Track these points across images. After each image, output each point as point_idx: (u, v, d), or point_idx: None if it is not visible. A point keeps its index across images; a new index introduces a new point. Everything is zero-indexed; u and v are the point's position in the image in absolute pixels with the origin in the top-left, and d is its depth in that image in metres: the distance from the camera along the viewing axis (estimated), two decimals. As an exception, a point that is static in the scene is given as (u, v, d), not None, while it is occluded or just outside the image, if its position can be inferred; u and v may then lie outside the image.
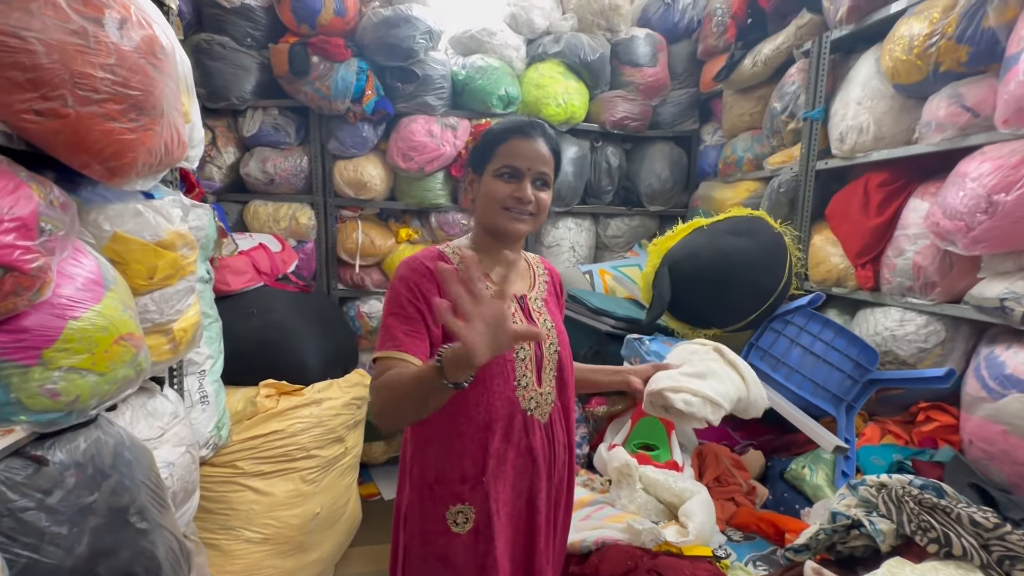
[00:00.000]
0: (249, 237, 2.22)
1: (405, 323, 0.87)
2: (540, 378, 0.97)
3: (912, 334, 1.62)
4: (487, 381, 0.91)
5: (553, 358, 0.99)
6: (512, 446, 0.94)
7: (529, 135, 0.93)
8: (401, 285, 0.89)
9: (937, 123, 1.54)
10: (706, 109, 2.87)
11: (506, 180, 0.92)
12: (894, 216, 1.72)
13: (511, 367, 0.93)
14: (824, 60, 1.96)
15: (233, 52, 2.22)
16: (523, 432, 0.95)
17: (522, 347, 0.94)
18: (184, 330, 1.20)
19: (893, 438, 1.54)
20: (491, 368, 0.91)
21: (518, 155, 0.92)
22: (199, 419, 1.51)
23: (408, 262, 0.92)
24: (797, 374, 1.66)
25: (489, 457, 0.91)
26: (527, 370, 0.95)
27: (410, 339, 0.86)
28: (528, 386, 0.94)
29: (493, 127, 0.96)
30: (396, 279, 0.91)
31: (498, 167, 0.92)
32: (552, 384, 0.99)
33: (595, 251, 2.93)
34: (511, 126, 0.94)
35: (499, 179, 0.92)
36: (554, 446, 0.98)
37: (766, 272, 1.58)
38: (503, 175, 0.92)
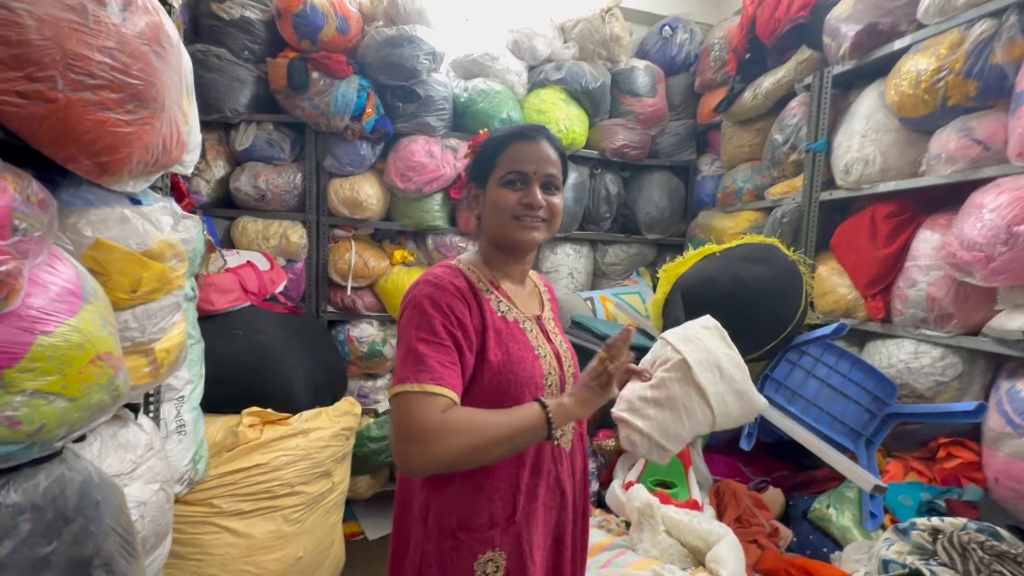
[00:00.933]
0: (236, 254, 2.10)
1: (440, 351, 0.77)
2: None
3: (928, 367, 1.59)
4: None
5: (571, 381, 0.92)
6: (542, 479, 0.85)
7: (532, 138, 0.86)
8: (431, 306, 0.79)
9: (947, 155, 1.55)
10: (703, 140, 2.90)
11: (513, 188, 0.85)
12: (903, 247, 1.71)
13: (540, 393, 0.85)
14: (826, 94, 1.99)
15: (229, 64, 2.15)
16: (552, 463, 0.87)
17: (549, 371, 0.87)
18: (167, 351, 1.07)
19: (917, 475, 1.48)
20: (523, 396, 0.82)
21: (523, 159, 0.85)
22: (175, 451, 1.36)
23: (435, 280, 0.82)
24: (814, 407, 1.60)
25: (520, 495, 0.82)
26: (554, 395, 0.87)
27: (448, 371, 0.76)
28: None
29: (492, 135, 0.90)
30: (423, 298, 0.79)
31: (503, 174, 0.85)
32: None
33: (593, 278, 2.88)
34: (512, 131, 0.88)
35: (505, 187, 0.85)
36: (575, 475, 0.91)
37: (783, 300, 1.54)
38: (509, 182, 0.85)
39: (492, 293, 0.87)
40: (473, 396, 0.81)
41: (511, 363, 0.82)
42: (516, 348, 0.84)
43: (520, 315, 0.89)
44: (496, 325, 0.84)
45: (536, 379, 0.84)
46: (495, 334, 0.83)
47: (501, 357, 0.82)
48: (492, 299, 0.86)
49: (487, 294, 0.86)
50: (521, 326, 0.87)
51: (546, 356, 0.87)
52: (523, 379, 0.82)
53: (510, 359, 0.82)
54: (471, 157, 0.93)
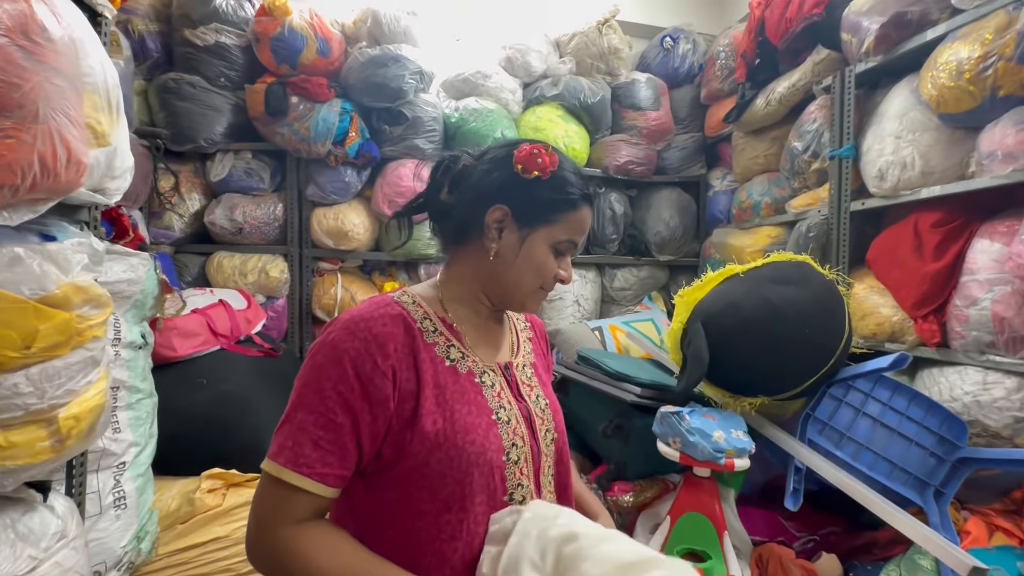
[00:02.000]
0: (209, 293, 1.93)
1: (321, 426, 0.57)
2: (539, 484, 0.67)
3: (1002, 399, 1.34)
4: (465, 500, 0.60)
5: (551, 451, 0.70)
6: None
7: (592, 204, 0.73)
8: (331, 364, 0.59)
9: (1005, 152, 1.34)
10: (712, 154, 2.72)
11: (559, 256, 0.71)
12: (956, 259, 1.49)
13: (500, 476, 0.63)
14: (849, 95, 1.81)
15: (204, 92, 2.03)
16: None
17: (514, 442, 0.64)
18: (76, 418, 0.88)
19: (1005, 536, 1.21)
20: (471, 479, 0.60)
21: (581, 230, 0.71)
22: (109, 530, 1.15)
23: (350, 324, 0.61)
24: (868, 452, 1.35)
25: None
26: (522, 476, 0.65)
27: (322, 456, 0.57)
28: (524, 500, 0.64)
29: (567, 177, 0.69)
30: (326, 349, 0.60)
31: (562, 239, 0.70)
32: (551, 489, 0.70)
33: (601, 305, 2.66)
34: (586, 189, 0.71)
35: (554, 253, 0.70)
36: None
37: (824, 327, 1.32)
38: (560, 251, 0.71)
39: (440, 335, 0.66)
40: (396, 482, 0.60)
41: (454, 433, 0.61)
42: (464, 412, 0.62)
43: (478, 364, 0.68)
44: (439, 379, 0.63)
45: (489, 455, 0.62)
46: (436, 392, 0.62)
47: (441, 425, 0.60)
48: (439, 344, 0.66)
49: (432, 337, 0.65)
50: (477, 380, 0.66)
51: (509, 420, 0.65)
52: (471, 455, 0.60)
53: (453, 428, 0.61)
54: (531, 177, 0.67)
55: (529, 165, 0.67)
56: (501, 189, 0.68)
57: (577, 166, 0.73)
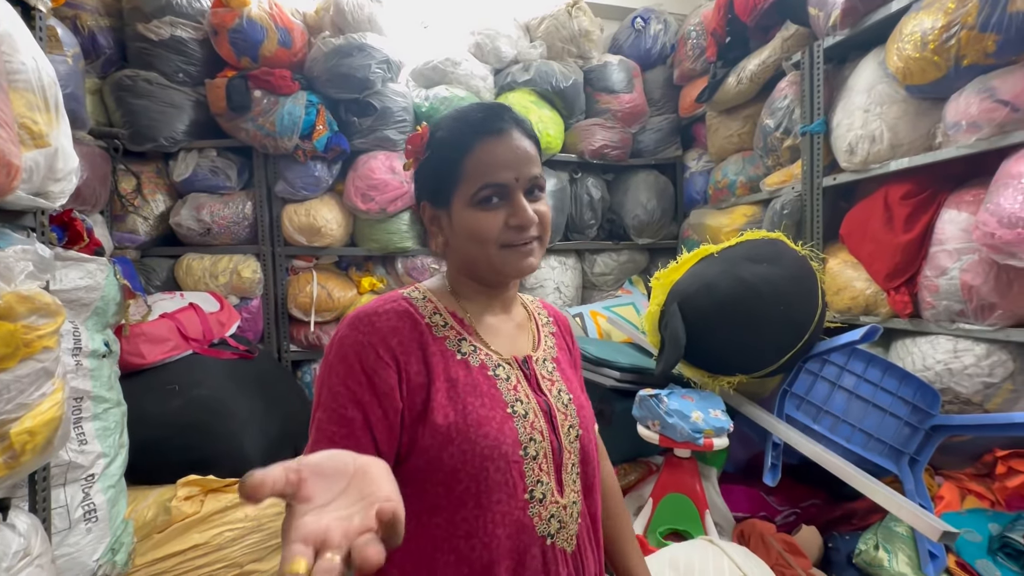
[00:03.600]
0: (179, 297, 1.88)
1: (335, 422, 0.57)
2: (561, 483, 0.63)
3: (972, 367, 1.36)
4: (480, 496, 0.58)
5: (574, 448, 0.66)
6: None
7: (500, 130, 0.63)
8: (339, 361, 0.59)
9: (969, 122, 1.35)
10: (688, 135, 2.71)
11: (491, 206, 0.62)
12: (925, 231, 1.50)
13: (518, 471, 0.60)
14: (818, 70, 1.80)
15: (162, 89, 1.96)
16: (541, 569, 0.61)
17: (532, 436, 0.62)
18: (30, 433, 0.84)
19: (976, 500, 1.24)
20: (486, 475, 0.58)
21: (498, 164, 0.62)
22: (80, 544, 1.12)
23: (356, 321, 0.60)
24: (844, 424, 1.37)
25: None
26: (542, 473, 0.62)
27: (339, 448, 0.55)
28: (545, 499, 0.61)
29: (442, 132, 0.65)
30: (335, 347, 0.60)
31: (475, 192, 0.62)
32: (577, 489, 0.65)
33: (582, 291, 2.66)
34: (470, 125, 0.63)
35: (481, 208, 0.62)
36: None
37: (799, 303, 1.32)
38: (485, 201, 0.62)
39: (451, 329, 0.65)
40: (411, 477, 0.58)
41: (466, 426, 0.59)
42: (477, 404, 0.60)
43: (492, 358, 0.65)
44: (450, 373, 0.61)
45: (504, 448, 0.59)
46: (447, 386, 0.60)
47: (453, 418, 0.59)
48: (450, 337, 0.64)
49: (442, 330, 0.64)
50: (491, 373, 0.63)
51: (526, 414, 0.63)
52: (484, 449, 0.58)
53: (466, 420, 0.59)
54: (415, 165, 0.68)
55: (410, 155, 0.69)
56: (417, 189, 0.70)
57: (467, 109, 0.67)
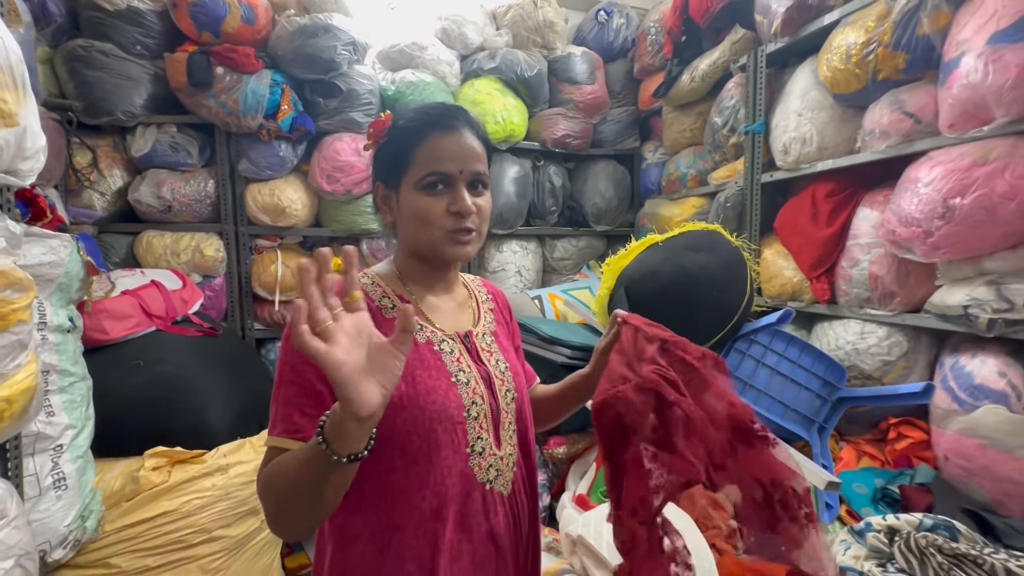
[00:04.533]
0: (140, 274, 1.88)
1: (303, 395, 0.64)
2: (499, 438, 0.75)
3: (875, 347, 1.56)
4: (431, 454, 0.69)
5: (511, 409, 0.78)
6: (469, 535, 0.71)
7: (452, 127, 0.72)
8: None
9: (881, 130, 1.52)
10: (646, 127, 2.84)
11: (435, 192, 0.71)
12: (844, 226, 1.68)
13: (461, 430, 0.71)
14: (761, 73, 1.95)
15: (118, 61, 1.92)
16: (483, 514, 0.72)
17: (474, 400, 0.72)
18: (8, 401, 0.89)
19: (869, 460, 1.44)
20: (435, 435, 0.69)
21: (445, 156, 0.71)
22: (52, 511, 1.17)
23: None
24: (766, 396, 1.55)
25: (440, 555, 0.68)
26: (482, 430, 0.73)
27: (310, 420, 0.63)
28: (485, 451, 0.73)
29: (400, 122, 0.74)
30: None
31: (421, 176, 0.71)
32: (513, 443, 0.77)
33: (543, 275, 2.78)
34: (426, 118, 0.72)
35: (425, 193, 0.71)
36: (520, 524, 0.77)
37: (729, 288, 1.48)
38: (429, 186, 0.71)
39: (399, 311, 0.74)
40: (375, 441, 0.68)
41: (416, 395, 0.68)
42: (424, 376, 0.70)
43: (437, 334, 0.75)
44: None
45: (451, 411, 0.70)
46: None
47: (404, 389, 0.68)
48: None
49: (391, 312, 0.72)
50: (436, 348, 0.73)
51: (469, 382, 0.73)
52: (432, 414, 0.69)
53: (415, 390, 0.69)
54: (374, 147, 0.76)
55: (371, 138, 0.76)
56: (373, 171, 0.78)
57: (428, 106, 0.76)
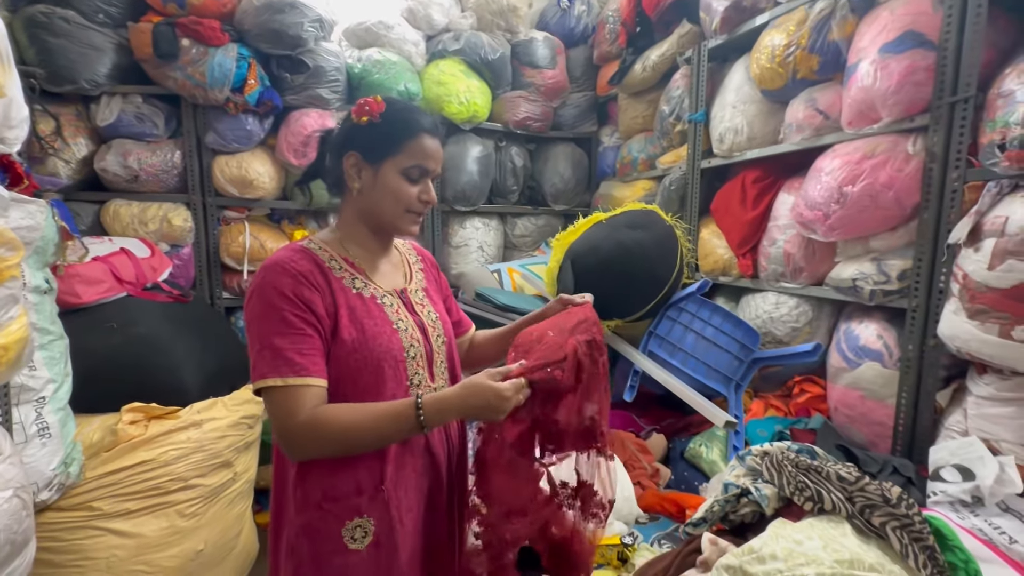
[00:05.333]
0: (108, 241, 1.93)
1: (297, 340, 0.77)
2: (432, 373, 0.92)
3: (786, 315, 1.78)
4: (379, 386, 0.84)
5: (442, 350, 0.95)
6: (410, 448, 0.88)
7: (437, 134, 0.88)
8: (277, 296, 0.78)
9: (797, 125, 1.72)
10: (604, 112, 2.99)
11: (412, 180, 0.86)
12: (767, 209, 1.89)
13: (402, 367, 0.87)
14: (703, 67, 2.12)
15: (80, 28, 1.93)
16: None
17: (412, 344, 0.88)
18: (4, 348, 0.98)
19: (775, 411, 1.68)
20: (382, 371, 0.84)
21: (430, 156, 0.86)
22: (37, 456, 1.27)
23: (275, 266, 0.80)
24: (692, 358, 1.76)
25: (387, 464, 0.84)
26: (419, 367, 0.89)
27: (309, 358, 0.77)
28: (421, 383, 0.89)
29: (398, 115, 0.85)
30: (267, 288, 0.78)
31: (409, 166, 0.85)
32: (445, 377, 0.95)
33: (503, 250, 2.93)
34: (424, 124, 0.86)
35: (406, 178, 0.86)
36: (450, 438, 0.95)
37: (661, 262, 1.66)
38: (412, 175, 0.86)
39: (345, 271, 0.87)
40: (330, 377, 0.82)
41: (365, 339, 0.83)
42: (371, 324, 0.85)
43: (378, 290, 0.89)
44: (350, 303, 0.84)
45: (395, 352, 0.85)
46: (348, 312, 0.84)
47: (355, 335, 0.83)
48: (346, 277, 0.87)
49: (339, 272, 0.86)
50: (379, 301, 0.88)
51: (407, 329, 0.89)
52: (379, 354, 0.84)
53: (364, 335, 0.83)
54: (363, 123, 0.85)
55: (360, 113, 0.85)
56: (348, 140, 0.87)
57: (415, 106, 0.90)
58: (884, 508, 0.88)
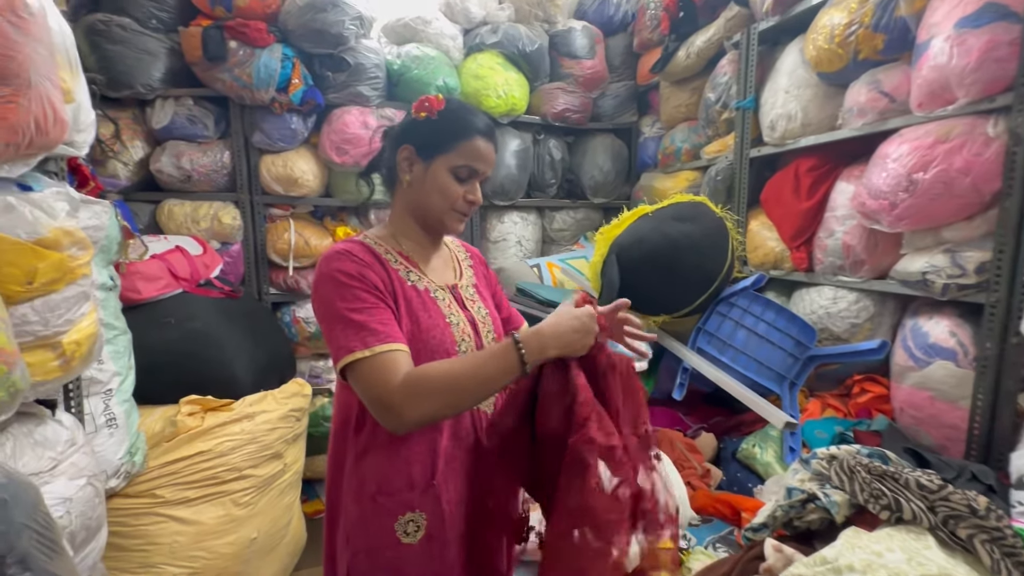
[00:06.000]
0: (164, 239, 2.01)
1: (375, 313, 0.78)
2: None
3: (844, 310, 1.69)
4: None
5: (491, 344, 0.94)
6: (460, 443, 0.88)
7: (491, 138, 0.88)
8: (345, 277, 0.79)
9: (859, 108, 1.62)
10: (644, 101, 2.91)
11: (460, 180, 0.86)
12: (823, 199, 1.79)
13: None
14: (753, 51, 2.03)
15: (136, 35, 2.00)
16: (471, 427, 0.89)
17: (463, 339, 0.88)
18: (77, 343, 1.03)
19: (833, 411, 1.60)
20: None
21: (482, 158, 0.87)
22: (106, 445, 1.33)
23: (338, 255, 0.82)
24: (743, 355, 1.69)
25: (438, 458, 0.85)
26: None
27: (389, 327, 0.77)
28: None
29: (455, 114, 0.87)
30: (336, 272, 0.80)
31: (459, 165, 0.85)
32: None
33: (542, 245, 2.90)
34: (479, 126, 0.87)
35: (455, 177, 0.86)
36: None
37: (711, 256, 1.60)
38: (461, 175, 0.86)
39: (401, 264, 0.88)
40: None
41: (420, 332, 0.83)
42: (426, 317, 0.85)
43: (431, 284, 0.90)
44: (406, 295, 0.85)
45: (447, 346, 0.85)
46: (405, 304, 0.84)
47: (410, 326, 0.83)
48: (401, 269, 0.87)
49: (395, 265, 0.87)
50: (432, 295, 0.88)
51: (459, 323, 0.89)
52: (433, 347, 0.84)
53: (419, 328, 0.84)
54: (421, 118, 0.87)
55: (420, 109, 0.87)
56: (405, 133, 0.89)
57: (474, 108, 0.90)
58: (971, 519, 0.81)
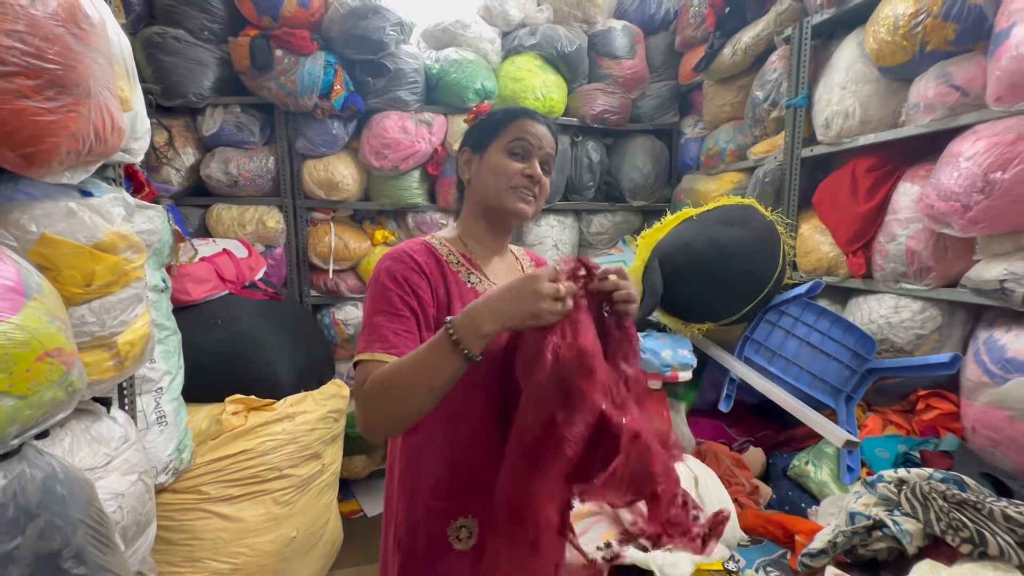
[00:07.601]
0: (212, 243, 2.08)
1: (395, 321, 0.78)
2: None
3: (908, 320, 1.58)
4: (487, 383, 0.82)
5: None
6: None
7: (537, 119, 0.89)
8: (388, 279, 0.80)
9: (926, 104, 1.51)
10: (686, 101, 2.83)
11: (516, 157, 0.86)
12: (884, 201, 1.68)
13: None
14: (806, 45, 1.93)
15: (189, 46, 2.08)
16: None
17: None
18: (131, 343, 1.06)
19: (895, 428, 1.49)
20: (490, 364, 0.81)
21: (529, 132, 0.87)
22: (156, 442, 1.37)
23: (393, 254, 0.83)
24: (794, 366, 1.60)
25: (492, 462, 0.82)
26: None
27: (401, 339, 0.76)
28: None
29: (501, 108, 0.92)
30: (381, 272, 0.81)
31: (509, 141, 0.86)
32: None
33: (579, 248, 2.85)
34: (519, 109, 0.90)
35: (508, 155, 0.86)
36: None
37: (761, 262, 1.52)
38: (514, 151, 0.86)
39: (462, 266, 0.88)
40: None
41: None
42: None
43: (492, 287, 0.88)
44: (464, 296, 0.84)
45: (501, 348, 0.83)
46: (461, 305, 0.83)
47: None
48: (462, 272, 0.87)
49: (456, 267, 0.87)
50: None
51: None
52: (491, 350, 0.81)
53: None
54: (471, 123, 0.94)
55: (471, 114, 0.98)
56: (463, 140, 0.94)
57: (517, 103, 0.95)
58: (1070, 559, 0.73)
